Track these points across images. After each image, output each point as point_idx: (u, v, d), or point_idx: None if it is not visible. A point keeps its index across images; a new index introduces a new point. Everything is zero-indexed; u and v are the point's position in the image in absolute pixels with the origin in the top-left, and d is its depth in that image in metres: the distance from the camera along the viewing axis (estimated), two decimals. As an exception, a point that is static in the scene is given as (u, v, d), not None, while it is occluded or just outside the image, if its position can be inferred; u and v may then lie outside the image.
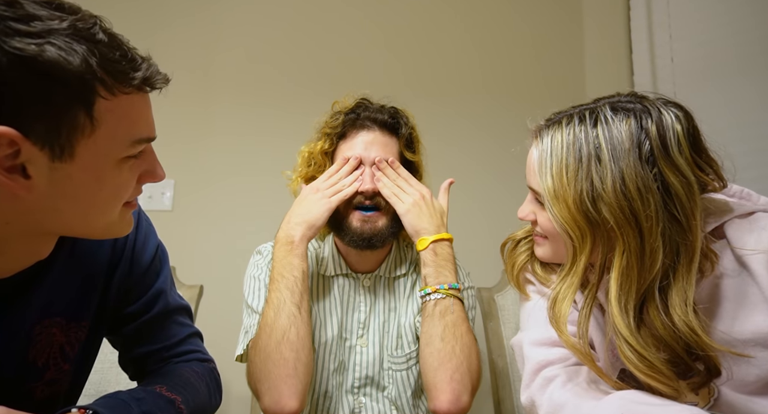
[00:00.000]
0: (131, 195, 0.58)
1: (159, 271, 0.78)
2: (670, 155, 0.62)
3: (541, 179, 0.68)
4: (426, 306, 0.91)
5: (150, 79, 0.53)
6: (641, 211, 0.61)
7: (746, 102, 1.49)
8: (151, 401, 0.62)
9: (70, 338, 0.66)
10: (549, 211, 0.67)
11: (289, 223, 0.95)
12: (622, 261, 0.63)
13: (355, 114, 1.01)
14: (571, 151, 0.66)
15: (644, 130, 0.63)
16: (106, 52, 0.49)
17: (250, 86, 1.72)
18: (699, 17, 1.64)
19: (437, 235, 0.94)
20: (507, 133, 1.75)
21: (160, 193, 1.63)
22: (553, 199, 0.66)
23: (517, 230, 0.88)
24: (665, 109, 0.65)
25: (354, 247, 0.98)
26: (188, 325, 0.82)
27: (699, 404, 0.68)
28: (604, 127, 0.64)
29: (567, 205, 0.65)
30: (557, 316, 0.68)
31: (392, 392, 1.00)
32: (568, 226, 0.65)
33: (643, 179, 0.61)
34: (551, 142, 0.68)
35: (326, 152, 1.02)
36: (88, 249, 0.67)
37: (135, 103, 0.53)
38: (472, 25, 1.82)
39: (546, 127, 0.71)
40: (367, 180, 0.97)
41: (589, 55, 1.83)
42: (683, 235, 0.62)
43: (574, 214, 0.64)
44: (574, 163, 0.65)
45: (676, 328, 0.61)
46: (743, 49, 1.54)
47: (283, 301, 0.87)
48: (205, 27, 1.73)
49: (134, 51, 0.53)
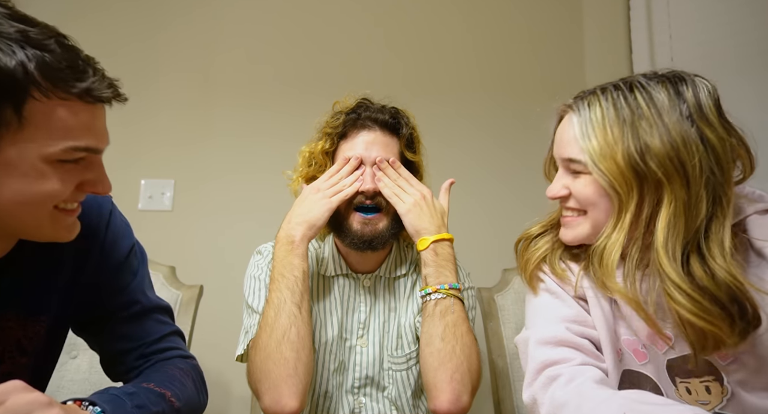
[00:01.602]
0: (65, 200, 0.59)
1: (135, 270, 0.78)
2: (705, 115, 0.67)
3: (585, 142, 0.70)
4: (426, 306, 0.91)
5: (92, 91, 0.56)
6: (688, 160, 0.65)
7: (746, 102, 1.49)
8: (143, 395, 0.63)
9: (27, 332, 0.67)
10: (595, 170, 0.69)
11: (290, 222, 0.95)
12: (669, 211, 0.66)
13: (356, 114, 1.01)
14: (612, 113, 0.69)
15: (680, 94, 0.68)
16: (52, 61, 0.53)
17: (249, 87, 1.72)
18: (699, 17, 1.64)
19: (438, 235, 0.94)
20: (507, 134, 1.75)
21: (160, 193, 1.63)
22: (599, 158, 0.69)
23: (531, 227, 0.88)
24: (697, 78, 0.70)
25: (354, 249, 0.98)
26: (168, 324, 0.82)
27: (711, 404, 0.69)
28: (642, 91, 0.69)
29: (615, 162, 0.67)
30: (606, 266, 0.69)
31: (392, 392, 1.00)
32: (616, 182, 0.68)
33: (686, 132, 0.66)
34: (589, 109, 0.71)
35: (327, 152, 1.02)
36: (50, 248, 0.68)
37: (76, 111, 0.56)
38: (471, 26, 1.82)
39: (580, 99, 0.74)
40: (368, 180, 0.97)
41: (589, 55, 1.83)
42: (722, 187, 0.66)
43: (622, 169, 0.67)
44: (618, 122, 0.68)
45: (717, 277, 0.64)
46: (743, 50, 1.54)
47: (283, 301, 0.87)
48: (205, 29, 1.73)
49: (91, 65, 0.58)
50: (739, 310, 0.64)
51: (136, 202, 1.60)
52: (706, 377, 0.69)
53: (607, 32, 1.83)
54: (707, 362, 0.69)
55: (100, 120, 0.60)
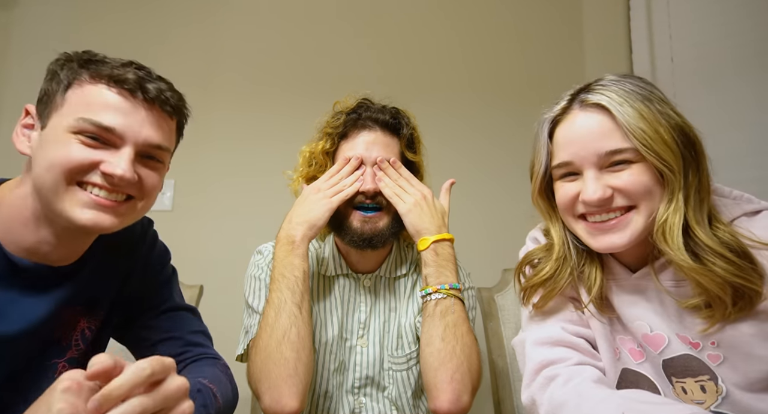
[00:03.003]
0: (82, 171, 0.65)
1: (169, 280, 0.90)
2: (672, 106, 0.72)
3: (632, 127, 0.68)
4: (427, 306, 0.91)
5: (116, 76, 0.67)
6: (694, 137, 0.69)
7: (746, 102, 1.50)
8: (206, 394, 0.70)
9: (90, 324, 0.77)
10: (649, 154, 0.67)
11: (291, 222, 0.95)
12: (695, 181, 0.68)
13: (356, 114, 1.01)
14: (635, 99, 0.69)
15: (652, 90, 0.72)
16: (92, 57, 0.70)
17: (249, 88, 1.72)
18: (699, 17, 1.65)
19: (438, 236, 0.94)
20: (507, 134, 1.75)
21: (160, 193, 1.63)
22: (651, 141, 0.67)
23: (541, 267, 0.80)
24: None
25: (354, 247, 0.98)
26: (199, 322, 0.91)
27: (706, 403, 0.69)
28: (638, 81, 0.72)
29: (665, 141, 0.67)
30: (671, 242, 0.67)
31: (392, 392, 1.00)
32: (672, 160, 0.67)
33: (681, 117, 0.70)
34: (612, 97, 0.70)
35: (327, 152, 1.02)
36: (110, 258, 0.79)
37: (101, 92, 0.67)
38: (471, 26, 1.82)
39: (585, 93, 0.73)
40: (368, 180, 0.97)
41: (589, 55, 1.83)
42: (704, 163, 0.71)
43: (672, 147, 0.68)
44: (646, 107, 0.69)
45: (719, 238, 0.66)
46: (742, 50, 1.54)
47: (284, 301, 0.87)
48: (205, 30, 1.74)
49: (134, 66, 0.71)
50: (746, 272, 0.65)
51: (136, 202, 1.60)
52: (701, 377, 0.69)
53: (607, 32, 1.83)
54: (701, 362, 0.69)
55: (126, 106, 0.67)
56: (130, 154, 0.67)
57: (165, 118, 0.72)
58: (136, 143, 0.68)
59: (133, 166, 0.68)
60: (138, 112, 0.68)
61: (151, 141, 0.69)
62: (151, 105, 0.69)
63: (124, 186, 0.68)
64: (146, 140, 0.68)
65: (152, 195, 0.74)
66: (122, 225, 0.71)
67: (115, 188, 0.67)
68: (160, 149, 0.71)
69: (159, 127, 0.70)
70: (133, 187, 0.69)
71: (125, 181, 0.66)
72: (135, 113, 0.68)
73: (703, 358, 0.69)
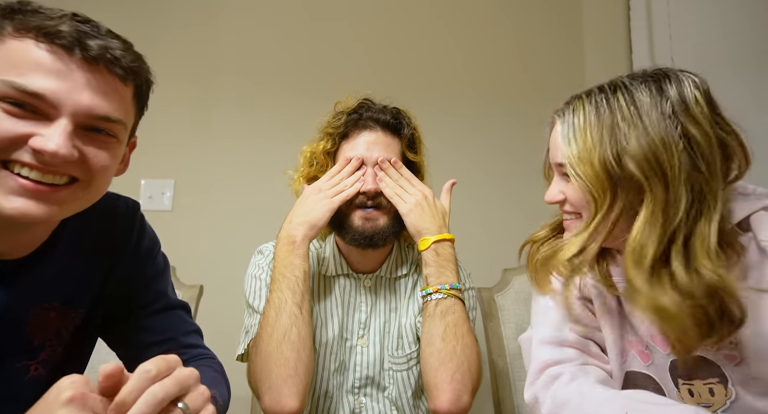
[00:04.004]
0: (2, 148, 0.54)
1: (161, 271, 0.82)
2: (689, 111, 0.65)
3: (567, 147, 0.70)
4: (427, 306, 0.91)
5: (45, 28, 0.54)
6: (666, 161, 0.64)
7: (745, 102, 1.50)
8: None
9: (67, 323, 0.68)
10: (572, 174, 0.69)
11: (291, 222, 0.95)
12: (646, 212, 0.64)
13: (357, 114, 1.01)
14: (594, 116, 0.68)
15: (663, 92, 0.66)
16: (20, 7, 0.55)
17: (249, 87, 1.72)
18: (698, 18, 1.65)
19: (439, 236, 0.94)
20: (507, 135, 1.75)
21: (160, 193, 1.63)
22: (577, 161, 0.68)
23: (538, 231, 0.87)
24: (683, 74, 0.68)
25: (355, 246, 0.98)
26: (190, 321, 0.85)
27: (714, 406, 0.68)
28: (624, 92, 0.68)
29: (591, 165, 0.67)
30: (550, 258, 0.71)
31: (393, 392, 1.00)
32: (592, 185, 0.67)
33: (666, 131, 0.64)
34: (573, 113, 0.71)
35: (329, 152, 1.02)
36: (89, 247, 0.70)
37: (26, 49, 0.54)
38: (471, 26, 1.82)
39: (567, 104, 0.74)
40: (369, 180, 0.97)
41: (589, 55, 1.83)
42: (707, 184, 0.64)
43: (598, 172, 0.66)
44: (598, 125, 0.68)
45: (701, 276, 0.62)
46: (742, 50, 1.54)
47: (284, 301, 0.87)
48: (205, 29, 1.73)
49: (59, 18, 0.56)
50: (720, 310, 0.62)
51: (136, 202, 1.60)
52: (710, 379, 0.68)
53: (607, 32, 1.83)
54: (713, 364, 0.68)
55: (59, 66, 0.55)
56: (66, 127, 0.55)
57: (115, 83, 0.59)
58: (75, 113, 0.55)
59: (72, 141, 0.55)
60: (76, 75, 0.55)
61: (96, 111, 0.56)
62: (93, 66, 0.56)
63: (60, 165, 0.55)
64: (89, 109, 0.56)
65: (102, 177, 0.61)
66: (62, 214, 0.60)
67: (50, 168, 0.55)
68: (108, 121, 0.58)
69: (105, 94, 0.57)
70: (74, 167, 0.57)
71: (60, 158, 0.54)
72: (72, 76, 0.55)
73: (718, 358, 0.68)
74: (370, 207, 0.98)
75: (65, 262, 0.67)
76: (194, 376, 0.50)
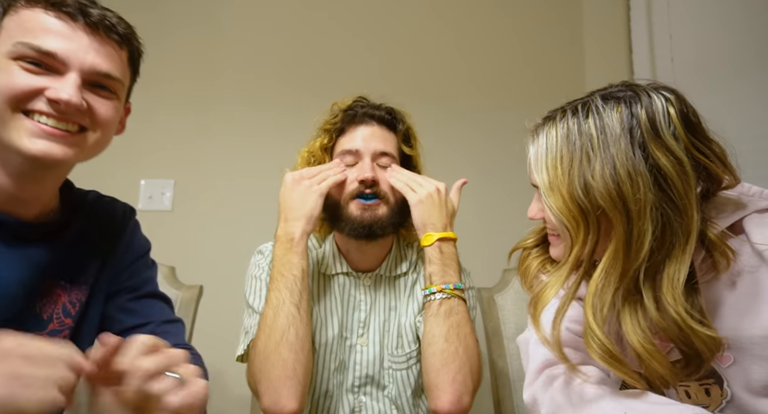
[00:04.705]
0: (23, 98, 0.63)
1: (149, 265, 0.88)
2: (660, 137, 0.62)
3: (538, 174, 0.69)
4: (430, 305, 0.91)
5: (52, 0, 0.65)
6: (630, 195, 0.61)
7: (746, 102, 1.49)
8: None
9: (72, 298, 0.75)
10: (545, 204, 0.68)
11: (287, 221, 0.94)
12: (612, 248, 0.63)
13: (353, 110, 1.02)
14: (564, 143, 0.66)
15: (634, 116, 0.63)
16: None
17: (249, 87, 1.72)
18: (699, 17, 1.64)
19: (443, 233, 0.94)
20: (507, 135, 1.75)
21: (160, 193, 1.63)
22: (548, 191, 0.67)
23: (527, 237, 0.87)
24: (655, 93, 0.65)
25: (354, 237, 0.97)
26: (172, 312, 0.89)
27: (710, 407, 0.68)
28: (596, 117, 0.65)
29: (561, 195, 0.65)
30: (537, 302, 0.69)
31: (392, 391, 1.00)
32: (563, 217, 0.66)
33: (633, 163, 0.61)
34: (546, 137, 0.69)
35: (326, 148, 1.03)
36: (92, 234, 0.79)
37: (38, 16, 0.64)
38: (470, 26, 1.82)
39: (541, 124, 0.72)
40: (367, 169, 0.97)
41: (589, 55, 1.83)
42: (679, 216, 0.62)
43: (568, 204, 0.65)
44: (568, 154, 0.66)
45: (667, 314, 0.61)
46: (742, 50, 1.54)
47: (282, 301, 0.87)
48: (205, 29, 1.74)
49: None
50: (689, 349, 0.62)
51: (136, 202, 1.60)
52: (705, 380, 0.68)
53: (607, 32, 1.83)
54: None
55: (66, 30, 0.65)
56: (75, 80, 0.64)
57: (113, 46, 0.69)
58: (82, 69, 0.65)
59: (81, 93, 0.65)
60: (81, 37, 0.65)
61: (99, 68, 0.66)
62: (94, 30, 0.66)
63: (72, 113, 0.65)
64: (93, 67, 0.66)
65: (107, 127, 0.70)
66: (77, 158, 0.68)
67: (64, 116, 0.64)
68: (110, 78, 0.68)
69: (107, 55, 0.67)
70: (83, 116, 0.66)
71: (72, 106, 0.63)
72: (77, 38, 0.65)
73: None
74: (368, 196, 0.97)
75: (72, 245, 0.75)
76: (184, 355, 0.55)
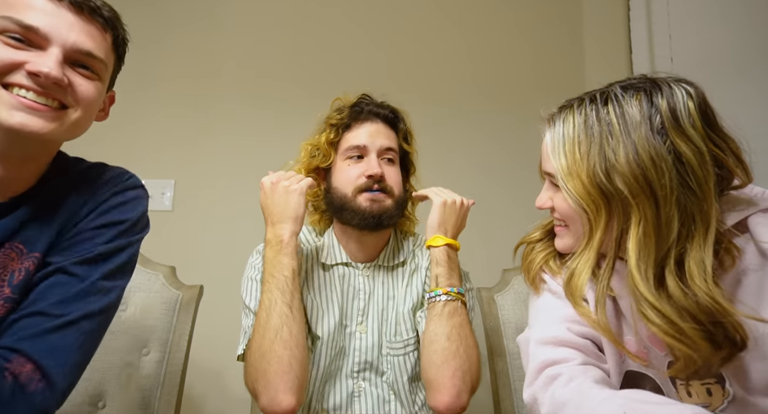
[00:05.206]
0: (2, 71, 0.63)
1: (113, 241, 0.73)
2: (681, 126, 0.63)
3: (555, 159, 0.69)
4: (434, 305, 0.94)
5: None
6: (656, 179, 0.62)
7: (748, 101, 1.49)
8: None
9: (22, 266, 0.69)
10: (563, 188, 0.68)
11: (275, 224, 0.96)
12: (638, 231, 0.63)
13: (359, 107, 1.07)
14: (582, 129, 0.67)
15: (654, 105, 0.64)
16: None
17: (249, 87, 1.72)
18: (698, 17, 1.65)
19: (453, 241, 0.99)
20: (507, 135, 1.75)
21: (160, 193, 1.64)
22: (567, 176, 0.67)
23: (532, 232, 0.88)
24: (676, 85, 0.66)
25: (363, 228, 1.01)
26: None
27: (711, 406, 0.68)
28: (615, 104, 0.66)
29: (581, 180, 0.66)
30: (573, 290, 0.69)
31: (390, 377, 1.02)
32: (583, 201, 0.66)
33: (655, 148, 0.62)
34: (563, 124, 0.70)
35: (332, 143, 1.07)
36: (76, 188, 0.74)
37: None
38: (470, 26, 1.82)
39: (558, 112, 0.73)
40: (374, 164, 1.01)
41: (589, 55, 1.83)
42: (698, 204, 0.62)
43: (588, 188, 0.65)
44: (587, 139, 0.66)
45: (698, 298, 0.61)
46: (743, 49, 1.54)
47: (274, 302, 0.89)
48: (205, 29, 1.74)
49: None
50: (723, 332, 0.61)
51: (136, 202, 1.60)
52: (707, 379, 0.68)
53: (607, 32, 1.83)
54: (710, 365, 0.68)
55: (50, 7, 0.65)
56: (57, 55, 0.64)
57: (96, 27, 0.69)
58: (64, 46, 0.65)
59: (62, 68, 0.65)
60: (65, 15, 0.66)
61: (81, 46, 0.67)
62: (78, 10, 0.67)
63: (52, 87, 0.64)
64: (75, 44, 0.66)
65: (89, 107, 0.70)
66: (55, 134, 0.66)
67: (44, 91, 0.64)
68: (92, 57, 0.68)
69: (90, 34, 0.68)
70: (64, 93, 0.66)
71: (51, 79, 0.63)
72: (61, 15, 0.66)
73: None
74: (376, 190, 1.01)
75: (36, 211, 0.70)
76: None
